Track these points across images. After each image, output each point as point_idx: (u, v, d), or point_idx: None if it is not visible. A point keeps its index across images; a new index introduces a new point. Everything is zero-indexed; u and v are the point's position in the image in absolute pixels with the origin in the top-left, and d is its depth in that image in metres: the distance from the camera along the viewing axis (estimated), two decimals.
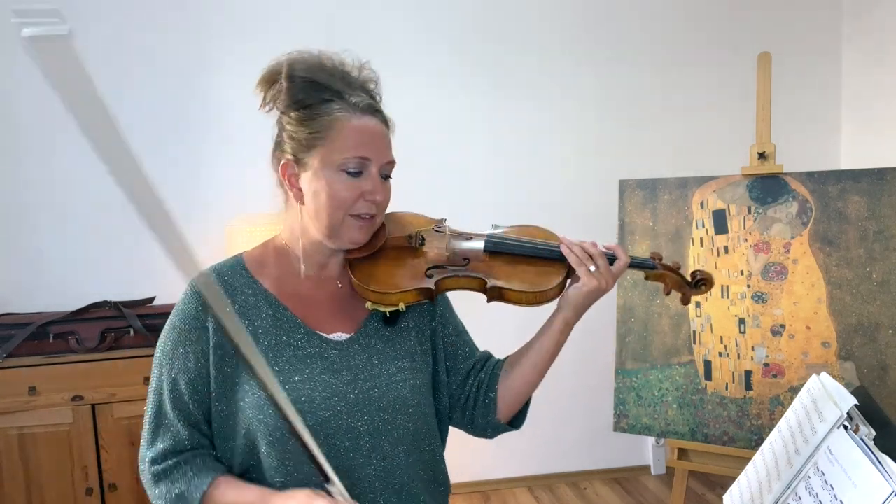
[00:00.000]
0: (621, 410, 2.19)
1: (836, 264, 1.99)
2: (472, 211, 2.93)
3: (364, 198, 0.98)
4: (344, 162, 0.96)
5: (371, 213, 1.00)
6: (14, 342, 2.26)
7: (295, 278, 1.04)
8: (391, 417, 1.01)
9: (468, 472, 3.08)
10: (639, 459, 3.26)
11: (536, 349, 1.11)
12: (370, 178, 0.98)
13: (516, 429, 1.18)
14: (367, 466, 0.99)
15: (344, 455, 0.97)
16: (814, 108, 3.23)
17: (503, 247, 1.09)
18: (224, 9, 2.69)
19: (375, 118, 1.00)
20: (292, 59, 0.98)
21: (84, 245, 2.64)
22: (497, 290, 1.06)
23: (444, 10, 2.89)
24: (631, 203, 2.27)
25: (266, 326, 0.99)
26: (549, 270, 1.08)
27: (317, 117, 0.96)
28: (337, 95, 0.97)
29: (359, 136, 0.96)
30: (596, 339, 2.98)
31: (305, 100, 0.97)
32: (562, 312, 1.08)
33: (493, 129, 2.97)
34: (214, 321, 0.96)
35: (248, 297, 1.01)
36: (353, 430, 0.98)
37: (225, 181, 2.67)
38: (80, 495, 2.26)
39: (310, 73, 0.97)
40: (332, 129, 0.95)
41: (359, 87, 1.00)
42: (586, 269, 1.04)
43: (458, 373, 1.15)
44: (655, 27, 3.08)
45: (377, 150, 0.98)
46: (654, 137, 3.09)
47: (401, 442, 1.02)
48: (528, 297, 1.06)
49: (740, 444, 2.02)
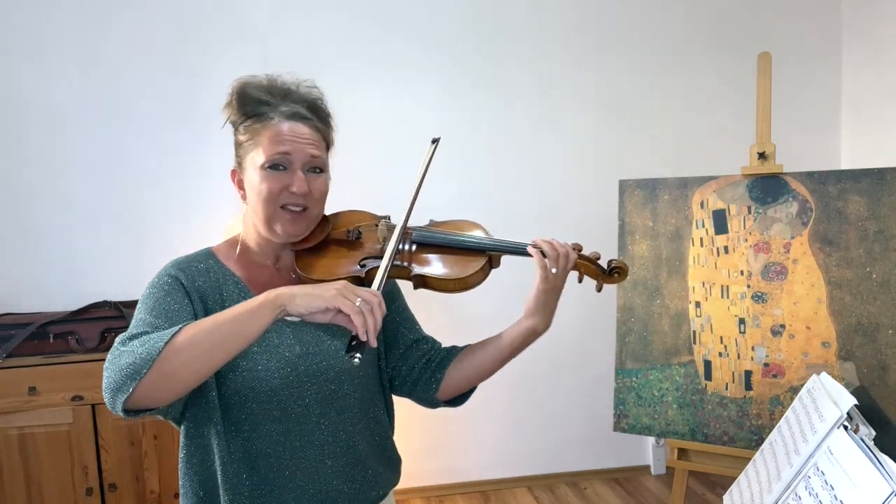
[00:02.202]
0: (621, 410, 2.19)
1: (836, 264, 1.99)
2: (472, 211, 2.94)
3: (288, 190, 1.09)
4: (265, 160, 1.08)
5: (299, 205, 1.11)
6: (14, 342, 2.26)
7: (257, 268, 1.17)
8: (337, 387, 1.13)
9: (468, 472, 3.08)
10: (639, 459, 3.26)
11: (495, 348, 1.20)
12: (293, 174, 1.10)
13: (455, 406, 1.29)
14: (317, 431, 1.11)
15: (295, 420, 1.09)
16: (814, 108, 3.23)
17: (428, 239, 1.19)
18: (224, 9, 2.70)
19: (302, 123, 1.11)
20: (240, 82, 1.12)
21: (84, 245, 2.64)
22: (420, 277, 1.15)
23: (443, 10, 2.89)
24: (631, 203, 2.27)
25: (233, 300, 1.10)
26: (469, 259, 1.16)
27: (253, 125, 1.10)
28: (267, 106, 1.10)
29: (278, 137, 1.09)
30: (596, 339, 2.98)
31: (249, 112, 1.11)
32: (526, 319, 1.17)
33: (493, 129, 2.97)
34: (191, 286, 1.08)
35: (219, 277, 1.12)
36: (302, 398, 1.09)
37: (225, 181, 2.68)
38: (80, 495, 2.27)
39: (252, 90, 1.11)
40: (261, 133, 1.09)
41: (297, 100, 1.13)
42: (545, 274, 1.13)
43: (398, 345, 1.27)
44: (655, 27, 3.08)
45: (295, 147, 1.10)
46: (654, 137, 3.09)
47: (347, 409, 1.14)
48: (448, 283, 1.15)
49: (740, 444, 2.02)
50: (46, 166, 2.59)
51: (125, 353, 0.91)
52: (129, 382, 0.88)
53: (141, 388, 0.88)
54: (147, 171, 2.68)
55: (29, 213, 2.60)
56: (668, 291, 2.19)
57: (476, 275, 1.15)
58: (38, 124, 2.58)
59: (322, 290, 0.93)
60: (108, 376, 0.91)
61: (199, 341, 0.90)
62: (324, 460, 1.11)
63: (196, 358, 0.90)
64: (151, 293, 1.05)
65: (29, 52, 2.56)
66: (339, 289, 0.93)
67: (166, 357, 0.88)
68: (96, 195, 2.64)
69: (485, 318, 2.04)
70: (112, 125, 2.63)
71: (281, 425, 1.08)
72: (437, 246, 1.18)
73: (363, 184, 2.40)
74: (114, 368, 0.90)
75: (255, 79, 1.13)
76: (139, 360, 0.88)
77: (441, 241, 1.18)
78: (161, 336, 0.90)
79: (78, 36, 2.59)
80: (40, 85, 2.57)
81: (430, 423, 2.94)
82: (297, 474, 1.09)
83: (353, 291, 0.93)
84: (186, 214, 2.70)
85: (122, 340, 0.94)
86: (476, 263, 1.15)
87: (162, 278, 1.07)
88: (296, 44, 2.74)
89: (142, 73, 2.64)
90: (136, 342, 0.92)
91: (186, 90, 2.66)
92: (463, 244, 1.18)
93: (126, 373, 0.88)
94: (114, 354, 0.93)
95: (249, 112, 1.11)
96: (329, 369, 1.12)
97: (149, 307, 1.03)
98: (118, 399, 0.89)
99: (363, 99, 2.80)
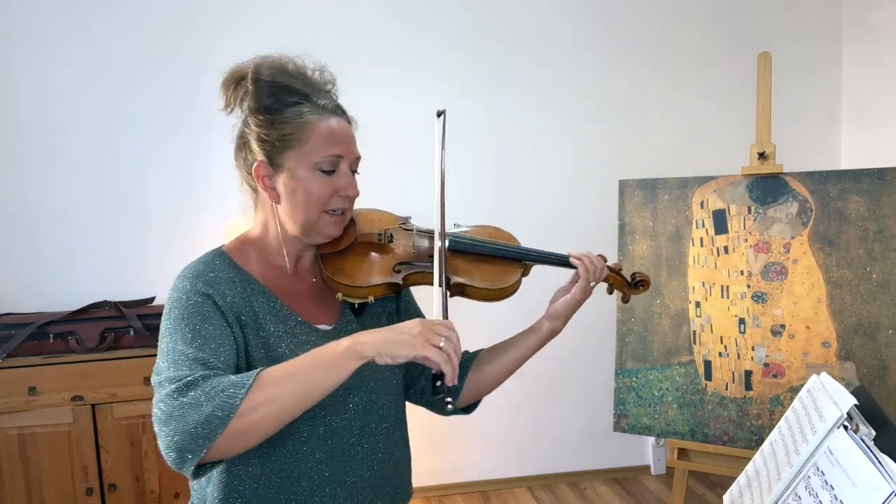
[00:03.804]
0: (621, 410, 2.19)
1: (836, 264, 1.99)
2: (472, 211, 2.94)
3: (338, 193, 1.04)
4: (319, 161, 1.01)
5: (344, 208, 1.06)
6: (14, 342, 2.26)
7: (276, 270, 1.08)
8: (377, 397, 1.08)
9: (468, 472, 3.08)
10: (639, 459, 3.26)
11: (516, 351, 1.19)
12: (343, 175, 1.04)
13: (468, 413, 1.26)
14: (357, 445, 1.05)
15: (337, 434, 1.03)
16: (814, 108, 3.23)
17: (466, 246, 1.15)
18: (224, 6, 2.70)
19: (342, 118, 1.06)
20: (257, 62, 1.03)
21: (84, 245, 2.64)
22: (460, 286, 1.12)
23: (443, 9, 2.89)
24: (631, 203, 2.27)
25: (265, 313, 1.02)
26: (507, 269, 1.15)
27: (288, 120, 1.01)
28: (304, 98, 1.03)
29: (331, 136, 1.02)
30: (596, 339, 2.98)
31: (273, 104, 1.01)
32: (550, 322, 1.16)
33: (493, 129, 2.97)
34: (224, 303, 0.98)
35: (245, 288, 1.03)
36: (346, 411, 1.04)
37: (225, 181, 2.67)
38: (80, 495, 2.26)
39: (275, 77, 1.02)
40: (303, 130, 1.01)
41: (321, 88, 1.07)
42: (586, 284, 1.14)
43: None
44: (655, 27, 3.08)
45: (347, 147, 1.04)
46: (654, 137, 3.09)
47: (385, 420, 1.10)
48: (488, 293, 1.13)
49: (740, 444, 2.02)
50: (46, 166, 2.59)
51: (189, 407, 0.80)
52: (203, 443, 0.79)
53: (213, 449, 0.80)
54: (147, 170, 2.68)
55: (29, 214, 2.60)
56: (668, 291, 2.19)
57: (515, 285, 1.15)
58: (38, 124, 2.58)
59: (405, 335, 0.87)
60: (173, 435, 0.80)
61: (277, 397, 0.82)
62: (363, 474, 1.06)
63: (274, 415, 0.83)
64: (184, 317, 0.93)
65: (28, 51, 2.55)
66: (422, 333, 0.88)
67: (243, 413, 0.80)
68: (96, 195, 2.64)
69: (492, 322, 2.05)
70: (112, 125, 2.63)
71: (324, 442, 1.01)
72: (472, 253, 1.16)
73: (373, 183, 2.40)
74: (179, 427, 0.79)
75: (275, 60, 1.03)
76: (212, 418, 0.79)
77: (479, 249, 1.16)
78: (235, 388, 0.81)
79: (77, 35, 2.58)
80: (40, 85, 2.57)
81: (430, 423, 2.93)
82: (337, 491, 1.02)
83: (434, 331, 0.88)
84: (186, 214, 2.70)
85: (178, 389, 0.82)
86: (514, 274, 1.15)
87: (191, 297, 0.96)
88: (297, 40, 2.74)
89: (141, 73, 2.64)
90: (198, 392, 0.81)
91: (186, 89, 2.66)
92: (501, 253, 1.16)
93: (198, 432, 0.79)
94: (171, 406, 0.81)
95: (284, 102, 1.01)
96: (370, 379, 1.07)
97: (186, 337, 0.91)
98: (188, 462, 0.80)
99: (362, 96, 2.80)
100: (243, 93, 1.03)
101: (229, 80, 1.05)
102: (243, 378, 0.83)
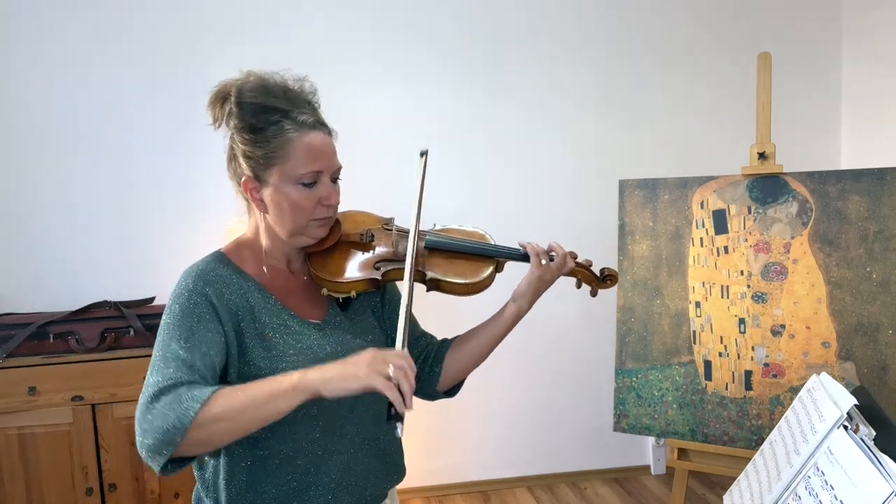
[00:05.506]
0: (621, 410, 2.19)
1: (836, 264, 1.99)
2: (472, 211, 2.94)
3: (321, 203, 1.11)
4: (300, 176, 1.08)
5: (328, 215, 1.14)
6: (14, 342, 2.26)
7: (272, 270, 1.18)
8: None
9: (468, 472, 3.08)
10: (639, 459, 3.26)
11: (488, 332, 1.28)
12: (324, 186, 1.11)
13: (451, 396, 1.35)
14: (348, 425, 1.14)
15: (329, 414, 1.11)
16: (814, 108, 3.23)
17: (441, 244, 1.25)
18: (224, 10, 2.70)
19: (321, 131, 1.11)
20: (238, 84, 1.09)
21: (84, 245, 2.64)
22: (435, 281, 1.22)
23: (442, 11, 2.89)
24: (631, 203, 2.27)
25: (261, 307, 1.11)
26: (479, 265, 1.25)
27: (270, 138, 1.07)
28: (284, 115, 1.07)
29: (311, 153, 1.08)
30: (596, 339, 2.98)
31: (256, 123, 1.07)
32: (515, 303, 1.27)
33: (493, 130, 2.97)
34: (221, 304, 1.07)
35: (239, 281, 1.12)
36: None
37: (225, 181, 2.68)
38: (80, 495, 2.27)
39: (257, 97, 1.07)
40: (285, 147, 1.07)
41: (302, 102, 1.11)
42: (538, 261, 1.24)
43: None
44: (655, 27, 3.08)
45: (327, 161, 1.10)
46: (654, 137, 3.09)
47: (372, 405, 1.16)
48: (461, 287, 1.22)
49: (740, 444, 2.02)
50: (46, 167, 2.59)
51: (157, 414, 0.91)
52: (168, 447, 0.90)
53: (180, 450, 0.91)
54: (147, 171, 2.68)
55: (29, 214, 2.59)
56: (668, 291, 2.19)
57: (486, 279, 1.24)
58: (39, 125, 2.58)
59: (353, 368, 0.93)
60: (144, 437, 0.92)
61: (229, 416, 0.92)
62: (354, 453, 1.14)
63: (229, 429, 0.93)
64: (184, 315, 1.03)
65: (29, 53, 2.55)
66: (369, 364, 0.93)
67: (199, 424, 0.90)
68: (96, 195, 2.64)
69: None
70: (112, 125, 2.63)
71: (316, 422, 1.10)
72: (448, 251, 1.25)
73: (365, 185, 2.40)
74: (149, 431, 0.91)
75: (256, 79, 1.09)
76: (171, 427, 0.89)
77: (453, 246, 1.25)
78: (193, 402, 0.90)
79: (82, 36, 2.59)
80: (41, 86, 2.57)
81: (429, 422, 2.94)
82: (331, 468, 1.11)
83: (384, 361, 0.94)
84: (186, 214, 2.70)
85: (153, 395, 0.93)
86: (486, 269, 1.24)
87: (192, 297, 1.05)
88: (296, 43, 2.74)
89: (141, 73, 2.64)
90: (167, 400, 0.92)
91: (186, 90, 2.66)
92: (474, 250, 1.25)
93: (163, 438, 0.90)
94: (144, 412, 0.93)
95: (266, 121, 1.07)
96: None
97: (180, 335, 1.01)
98: (156, 462, 0.92)
99: (362, 100, 2.80)
100: (228, 111, 1.09)
101: (215, 98, 1.11)
102: (202, 392, 0.92)
